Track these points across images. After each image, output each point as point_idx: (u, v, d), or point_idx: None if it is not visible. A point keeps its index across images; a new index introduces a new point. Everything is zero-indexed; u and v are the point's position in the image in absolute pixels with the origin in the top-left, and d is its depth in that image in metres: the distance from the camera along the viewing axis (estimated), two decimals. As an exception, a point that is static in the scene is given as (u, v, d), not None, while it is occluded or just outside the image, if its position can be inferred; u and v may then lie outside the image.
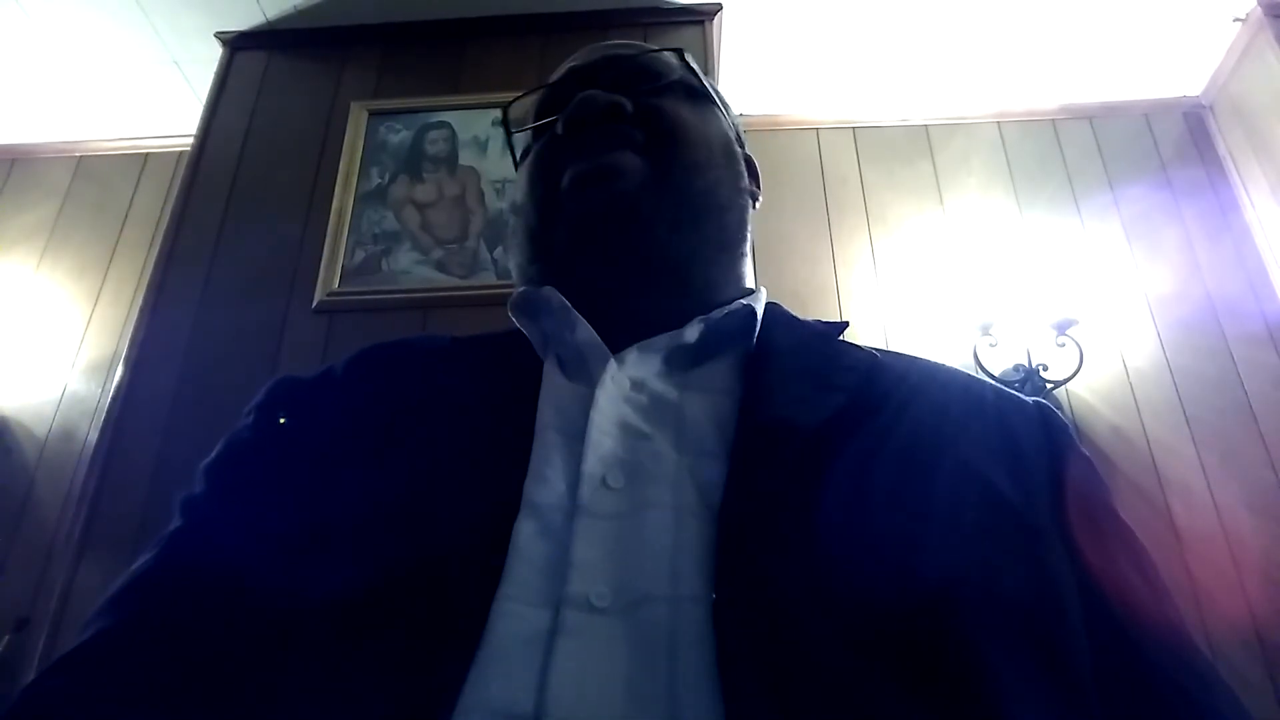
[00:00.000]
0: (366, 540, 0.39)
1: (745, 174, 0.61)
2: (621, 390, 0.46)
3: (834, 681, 0.33)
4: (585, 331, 0.49)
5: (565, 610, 0.35)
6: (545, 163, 0.56)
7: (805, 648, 0.33)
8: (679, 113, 0.57)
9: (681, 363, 0.49)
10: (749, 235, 0.59)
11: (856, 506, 0.39)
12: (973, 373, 1.94)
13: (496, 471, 0.41)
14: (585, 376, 0.48)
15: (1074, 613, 0.39)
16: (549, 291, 0.51)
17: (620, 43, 0.63)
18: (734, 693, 0.32)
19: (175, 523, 0.47)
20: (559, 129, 0.55)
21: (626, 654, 0.34)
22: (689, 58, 0.62)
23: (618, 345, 0.48)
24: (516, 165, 0.63)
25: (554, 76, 0.62)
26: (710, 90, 0.63)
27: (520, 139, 0.63)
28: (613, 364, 0.47)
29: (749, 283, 0.59)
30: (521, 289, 0.54)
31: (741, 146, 0.63)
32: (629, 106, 0.55)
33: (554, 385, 0.48)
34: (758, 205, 0.63)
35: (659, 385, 0.47)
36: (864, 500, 0.39)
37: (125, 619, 0.41)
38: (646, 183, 0.52)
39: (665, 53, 0.61)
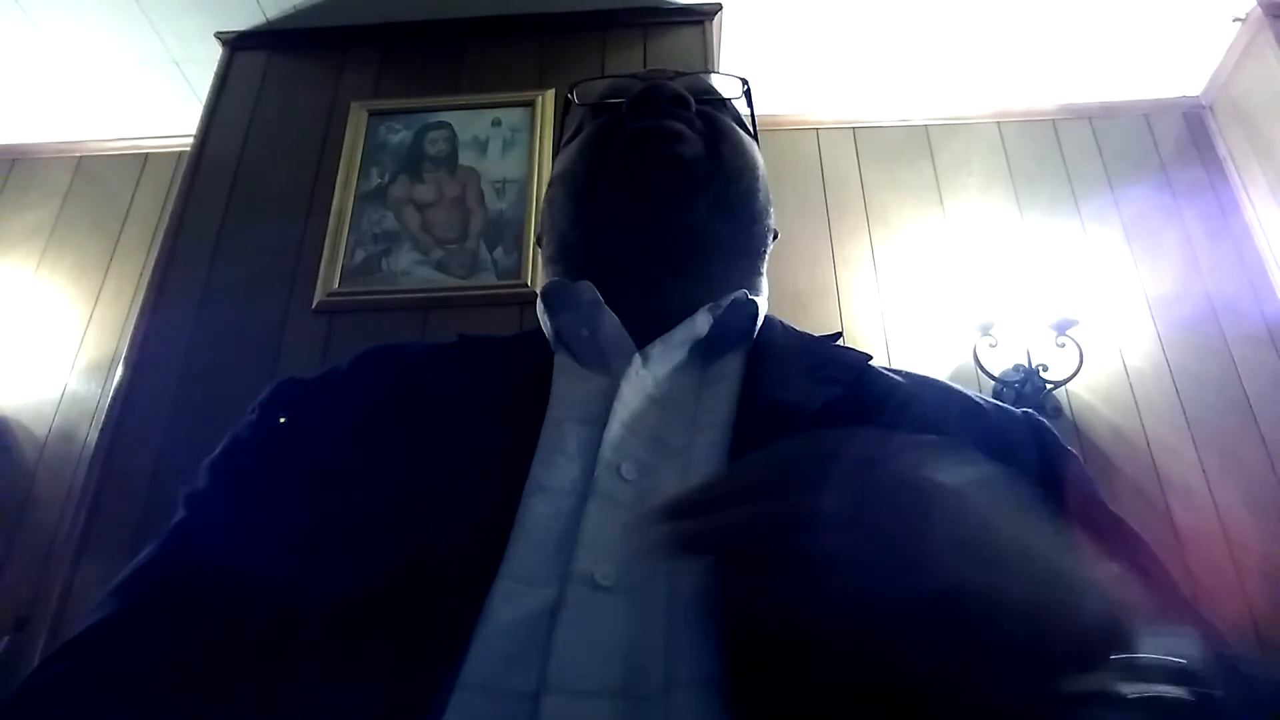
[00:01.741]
0: (368, 538, 0.40)
1: (771, 209, 0.63)
2: (644, 386, 0.47)
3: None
4: (611, 323, 0.50)
5: (570, 586, 0.36)
6: (603, 131, 0.58)
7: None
8: (732, 126, 0.60)
9: (700, 358, 0.51)
10: (765, 261, 0.61)
11: None
12: (973, 373, 1.95)
13: (502, 458, 0.42)
14: (603, 368, 0.50)
15: None
16: (584, 285, 0.52)
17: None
18: (730, 656, 0.32)
19: (179, 515, 0.47)
20: (624, 109, 0.57)
21: (627, 627, 0.35)
22: (749, 89, 0.65)
23: (638, 337, 0.50)
24: (559, 147, 0.65)
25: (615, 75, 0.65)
26: (754, 129, 0.66)
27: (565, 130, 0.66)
28: (638, 359, 0.48)
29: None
30: (554, 280, 0.56)
31: None
32: (693, 104, 0.57)
33: (569, 376, 0.49)
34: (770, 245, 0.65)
35: (680, 379, 0.49)
36: None
37: (128, 607, 0.42)
38: (702, 157, 0.55)
39: (729, 77, 0.65)
